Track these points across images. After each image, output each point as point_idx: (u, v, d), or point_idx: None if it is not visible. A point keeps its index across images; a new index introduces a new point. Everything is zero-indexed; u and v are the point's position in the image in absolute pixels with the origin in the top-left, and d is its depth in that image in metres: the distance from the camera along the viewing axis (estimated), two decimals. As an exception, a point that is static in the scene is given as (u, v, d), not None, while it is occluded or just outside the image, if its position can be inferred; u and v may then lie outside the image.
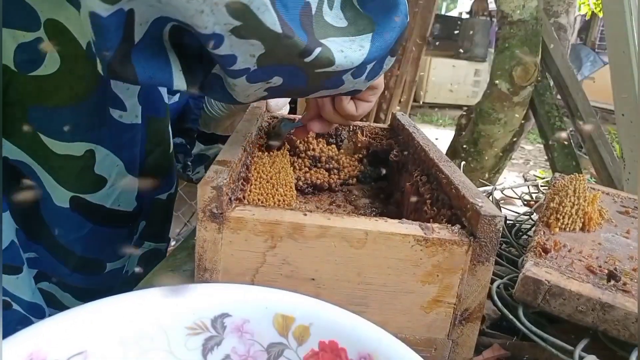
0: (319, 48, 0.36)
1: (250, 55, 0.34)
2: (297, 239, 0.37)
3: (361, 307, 0.38)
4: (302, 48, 0.35)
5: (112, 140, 0.54)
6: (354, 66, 0.39)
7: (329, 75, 0.39)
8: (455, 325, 0.39)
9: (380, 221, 0.38)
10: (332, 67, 0.38)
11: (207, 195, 0.35)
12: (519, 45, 1.79)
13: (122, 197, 0.58)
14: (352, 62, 0.39)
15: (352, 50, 0.38)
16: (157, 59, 0.35)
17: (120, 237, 0.61)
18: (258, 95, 0.41)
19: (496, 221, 0.37)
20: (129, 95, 0.54)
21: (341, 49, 0.38)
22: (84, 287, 0.60)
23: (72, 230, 0.56)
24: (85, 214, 0.56)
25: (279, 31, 0.33)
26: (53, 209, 0.54)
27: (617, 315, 0.38)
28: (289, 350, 0.31)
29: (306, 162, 0.68)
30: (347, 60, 0.38)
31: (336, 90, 0.44)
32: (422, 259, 0.37)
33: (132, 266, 0.66)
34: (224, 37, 0.32)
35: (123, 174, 0.57)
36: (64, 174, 0.53)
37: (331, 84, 0.42)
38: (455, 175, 0.46)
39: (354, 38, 0.39)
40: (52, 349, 0.27)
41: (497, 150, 2.01)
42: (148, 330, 0.30)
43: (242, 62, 0.35)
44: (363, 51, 0.39)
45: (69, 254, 0.57)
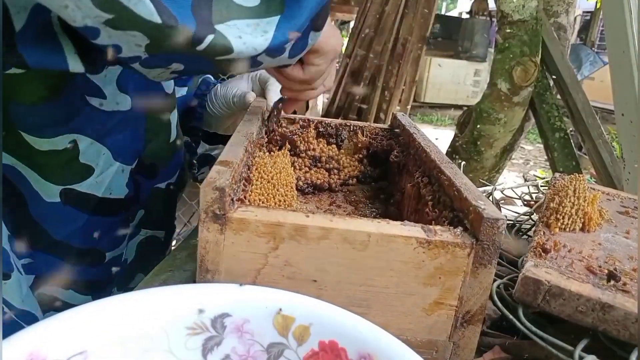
0: (211, 35, 0.34)
1: (136, 45, 0.33)
2: (300, 240, 0.37)
3: (363, 308, 0.38)
4: (189, 36, 0.33)
5: (94, 129, 0.54)
6: (257, 52, 0.37)
7: (237, 61, 0.38)
8: (456, 327, 0.39)
9: (382, 223, 0.38)
10: (232, 55, 0.36)
11: (210, 196, 0.35)
12: (519, 45, 1.78)
13: (113, 184, 0.58)
14: (255, 49, 0.37)
15: (253, 36, 0.37)
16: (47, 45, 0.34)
17: (116, 225, 0.61)
18: (165, 76, 0.41)
19: (499, 224, 0.37)
20: (107, 82, 0.54)
21: (239, 35, 0.36)
22: (86, 280, 0.60)
23: (67, 224, 0.56)
24: (78, 206, 0.56)
25: (157, 21, 0.31)
26: (44, 207, 0.54)
27: (617, 316, 0.38)
28: (289, 350, 0.31)
29: (306, 162, 0.68)
30: (247, 47, 0.36)
31: (258, 68, 0.43)
32: (424, 261, 0.37)
33: (131, 254, 0.66)
34: (100, 29, 0.31)
35: (111, 162, 0.57)
36: (50, 170, 0.53)
37: (246, 66, 0.40)
38: (457, 177, 0.46)
39: (259, 21, 0.37)
40: (52, 349, 0.27)
41: (497, 150, 2.01)
42: (148, 330, 0.30)
43: (128, 51, 0.34)
44: (266, 36, 0.37)
45: (67, 249, 0.57)
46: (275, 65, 0.44)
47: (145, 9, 0.31)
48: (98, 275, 0.61)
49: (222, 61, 0.37)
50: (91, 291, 0.61)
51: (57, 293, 0.59)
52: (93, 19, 0.30)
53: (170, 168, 0.67)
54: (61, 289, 0.59)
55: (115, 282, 0.65)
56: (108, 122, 0.55)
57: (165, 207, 0.69)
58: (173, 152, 0.66)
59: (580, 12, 6.51)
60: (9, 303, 0.54)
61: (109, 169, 0.57)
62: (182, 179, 0.70)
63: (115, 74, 0.54)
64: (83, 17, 0.30)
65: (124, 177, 0.59)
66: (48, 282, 0.58)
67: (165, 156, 0.65)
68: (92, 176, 0.55)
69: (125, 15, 0.31)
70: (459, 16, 8.48)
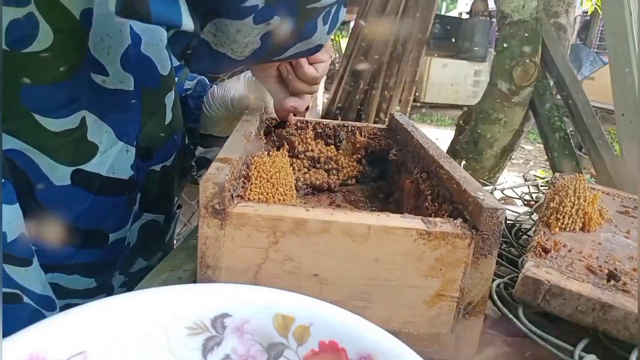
0: None
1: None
2: (300, 234, 0.37)
3: (365, 302, 0.38)
4: None
5: (97, 106, 0.54)
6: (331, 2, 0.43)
7: (312, 14, 0.43)
8: (458, 319, 0.39)
9: (382, 216, 0.38)
10: (320, 2, 0.41)
11: (210, 191, 0.35)
12: (519, 45, 1.78)
13: (117, 164, 0.58)
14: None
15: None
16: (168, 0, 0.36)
17: (120, 206, 0.61)
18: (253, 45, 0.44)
19: (498, 214, 0.37)
20: (111, 60, 0.54)
21: None
22: (90, 263, 0.59)
23: (74, 206, 0.56)
24: (85, 186, 0.56)
25: None
26: (53, 191, 0.53)
27: (617, 315, 0.38)
28: (289, 350, 0.31)
29: (305, 163, 0.68)
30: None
31: (309, 41, 0.48)
32: (424, 253, 0.37)
33: (133, 237, 0.66)
34: None
35: (114, 141, 0.57)
36: (63, 151, 0.53)
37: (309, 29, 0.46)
38: (455, 170, 0.46)
39: None
40: (52, 349, 0.27)
41: (497, 150, 2.01)
42: (148, 330, 0.30)
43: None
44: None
45: (73, 232, 0.57)
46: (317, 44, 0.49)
47: None
48: (102, 258, 0.60)
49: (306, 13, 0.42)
50: (94, 274, 0.60)
51: (60, 279, 0.59)
52: None
53: (165, 150, 0.66)
54: (64, 275, 0.59)
55: (118, 265, 0.65)
56: (109, 100, 0.55)
57: (161, 190, 0.68)
58: (168, 134, 0.66)
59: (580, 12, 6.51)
60: (30, 290, 0.53)
61: (112, 147, 0.57)
62: (179, 162, 0.70)
63: (119, 52, 0.54)
64: None
65: (128, 158, 0.59)
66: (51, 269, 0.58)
67: (160, 138, 0.64)
68: (97, 154, 0.55)
69: None
70: (459, 16, 8.47)
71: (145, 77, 0.59)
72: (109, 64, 0.54)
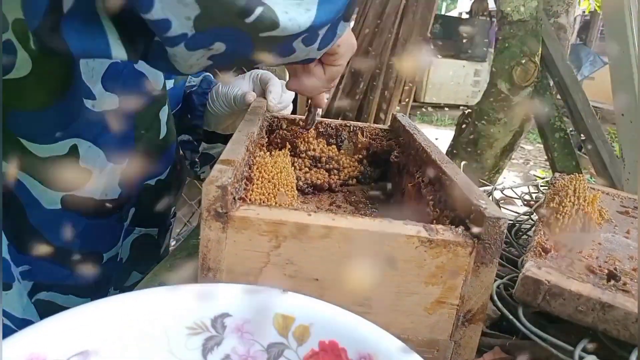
0: (260, 7, 0.34)
1: (186, 17, 0.33)
2: (302, 239, 0.36)
3: (364, 307, 0.38)
4: (240, 6, 0.33)
5: (90, 131, 0.54)
6: (301, 30, 0.37)
7: (277, 41, 0.37)
8: (458, 326, 0.39)
9: (384, 222, 0.38)
10: (277, 31, 0.35)
11: (212, 194, 0.35)
12: (519, 45, 1.78)
13: (108, 186, 0.58)
14: (299, 26, 0.36)
15: (298, 13, 0.36)
16: (90, 29, 0.33)
17: (111, 225, 0.61)
18: (201, 64, 0.40)
19: (500, 223, 0.37)
20: (94, 82, 0.53)
21: (286, 11, 0.35)
22: (85, 283, 0.59)
23: (66, 230, 0.56)
24: (78, 211, 0.56)
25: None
26: (44, 214, 0.53)
27: (617, 315, 0.38)
28: (289, 350, 0.31)
29: (306, 163, 0.68)
30: (292, 23, 0.36)
31: (288, 59, 0.42)
32: (426, 260, 0.37)
33: (125, 253, 0.66)
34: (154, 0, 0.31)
35: (104, 164, 0.56)
36: (51, 177, 0.52)
37: (281, 51, 0.40)
38: (458, 176, 0.46)
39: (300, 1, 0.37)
40: (52, 349, 0.27)
41: (497, 150, 2.01)
42: (148, 330, 0.30)
43: (178, 26, 0.33)
44: (309, 14, 0.37)
45: (67, 255, 0.57)
46: (302, 58, 0.44)
47: None
48: (96, 277, 0.60)
49: (264, 40, 0.36)
50: (89, 293, 0.60)
51: (56, 298, 0.59)
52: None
53: (160, 164, 0.66)
54: (60, 294, 0.59)
55: (112, 282, 0.65)
56: (100, 123, 0.55)
57: (155, 203, 0.69)
58: (163, 148, 0.66)
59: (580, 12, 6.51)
60: (10, 314, 0.53)
61: (104, 170, 0.57)
62: (173, 175, 0.70)
63: (100, 73, 0.53)
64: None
65: (115, 177, 0.59)
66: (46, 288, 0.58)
67: (155, 152, 0.64)
68: (91, 179, 0.55)
69: None
70: (459, 16, 8.47)
71: (139, 94, 0.58)
72: (94, 86, 0.53)
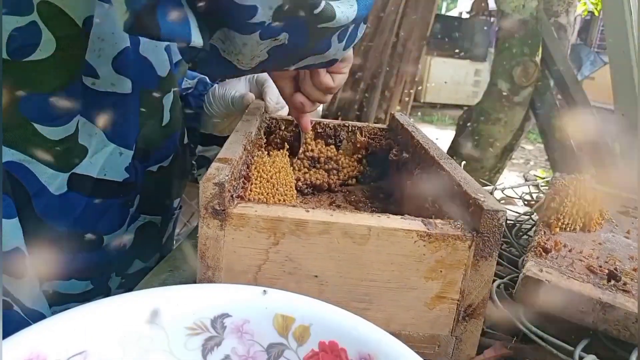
0: (323, 1, 0.38)
1: (269, 7, 0.36)
2: (300, 235, 0.36)
3: (365, 303, 0.38)
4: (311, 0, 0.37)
5: (87, 108, 0.54)
6: (348, 21, 0.42)
7: (325, 33, 0.42)
8: (458, 321, 0.39)
9: (383, 217, 0.38)
10: (332, 22, 0.40)
11: (210, 191, 0.35)
12: (519, 45, 1.78)
13: (108, 166, 0.57)
14: (348, 17, 0.41)
15: (346, 7, 0.41)
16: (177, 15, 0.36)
17: (114, 208, 0.61)
18: (260, 58, 0.44)
19: (499, 215, 0.37)
20: (102, 62, 0.53)
21: (338, 5, 0.40)
22: (86, 266, 0.59)
23: (69, 212, 0.56)
24: (79, 190, 0.56)
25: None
26: (50, 201, 0.53)
27: (617, 315, 0.38)
28: (289, 350, 0.31)
29: (305, 163, 0.68)
30: (343, 16, 0.41)
31: (322, 56, 0.47)
32: (425, 254, 0.37)
33: (129, 240, 0.66)
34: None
35: (104, 143, 0.56)
36: (60, 159, 0.53)
37: (322, 46, 0.45)
38: (456, 171, 0.46)
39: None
40: (52, 349, 0.27)
41: (498, 150, 2.01)
42: (148, 330, 0.30)
43: (261, 14, 0.36)
44: (354, 8, 0.42)
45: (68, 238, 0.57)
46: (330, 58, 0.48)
47: None
48: (97, 261, 0.60)
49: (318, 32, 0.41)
50: (90, 277, 0.60)
51: (58, 285, 0.59)
52: None
53: (162, 150, 0.66)
54: (62, 281, 0.59)
55: (114, 267, 0.65)
56: (100, 103, 0.55)
57: (158, 191, 0.68)
58: (166, 135, 0.66)
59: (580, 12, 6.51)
60: (20, 301, 0.54)
61: (103, 149, 0.57)
62: (177, 162, 0.70)
63: (111, 55, 0.54)
64: None
65: (122, 160, 0.59)
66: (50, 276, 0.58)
67: (157, 139, 0.64)
68: (86, 157, 0.55)
69: None
70: (459, 16, 8.47)
71: (143, 79, 0.59)
72: (100, 66, 0.53)
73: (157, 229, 0.71)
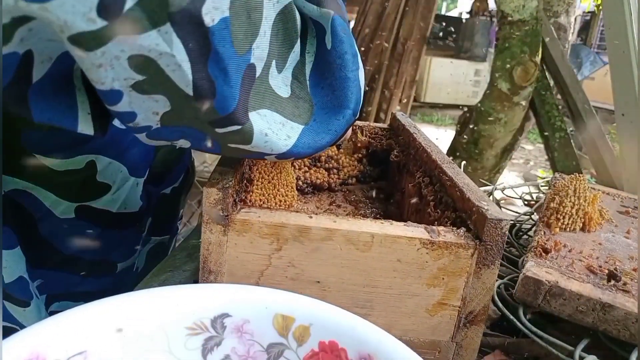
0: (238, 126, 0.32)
1: (153, 112, 0.30)
2: (303, 241, 0.36)
3: (366, 309, 0.38)
4: (217, 117, 0.30)
5: (114, 148, 0.54)
6: (273, 153, 0.36)
7: (246, 152, 0.35)
8: (459, 328, 0.39)
9: (386, 224, 0.38)
10: (247, 147, 0.34)
11: (213, 197, 0.35)
12: (519, 45, 1.78)
13: (128, 199, 0.58)
14: (272, 149, 0.35)
15: (277, 137, 0.35)
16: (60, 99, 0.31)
17: (130, 237, 0.61)
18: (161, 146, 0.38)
19: (502, 225, 0.37)
20: None
21: (266, 133, 0.34)
22: (97, 291, 0.60)
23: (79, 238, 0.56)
24: (91, 220, 0.55)
25: (189, 93, 0.28)
26: (56, 224, 0.53)
27: (617, 315, 0.38)
28: (289, 350, 0.31)
29: (305, 162, 0.68)
30: (266, 146, 0.35)
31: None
32: (427, 262, 0.37)
33: (141, 262, 0.66)
34: (123, 94, 0.28)
35: (127, 178, 0.56)
36: (66, 189, 0.52)
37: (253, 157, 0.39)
38: (458, 177, 0.46)
39: (285, 121, 0.35)
40: (52, 349, 0.27)
41: (498, 150, 2.01)
42: (148, 330, 0.30)
43: (142, 119, 0.31)
44: (288, 142, 0.36)
45: (78, 263, 0.57)
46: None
47: (182, 78, 0.28)
48: (109, 286, 0.61)
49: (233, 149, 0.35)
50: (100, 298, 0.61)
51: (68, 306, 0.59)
52: (122, 81, 0.28)
53: (175, 172, 0.66)
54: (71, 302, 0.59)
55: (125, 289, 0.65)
56: (125, 139, 0.55)
57: (169, 211, 0.69)
58: (179, 155, 0.66)
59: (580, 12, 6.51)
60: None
61: (125, 184, 0.56)
62: (185, 181, 0.70)
63: None
64: (113, 78, 0.27)
65: (138, 191, 0.59)
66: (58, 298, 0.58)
67: (172, 161, 0.65)
68: (108, 193, 0.55)
69: (158, 78, 0.28)
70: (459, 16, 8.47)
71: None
72: None
73: (166, 246, 0.71)
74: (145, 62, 0.27)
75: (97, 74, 0.27)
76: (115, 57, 0.26)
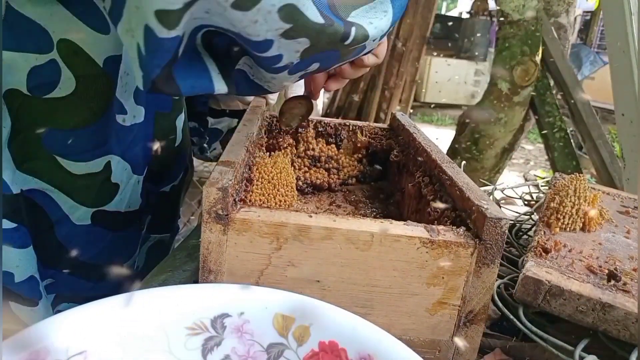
0: (353, 28, 0.37)
1: (295, 51, 0.36)
2: (303, 240, 0.36)
3: (366, 309, 0.38)
4: (341, 33, 0.36)
5: (120, 146, 0.54)
6: (384, 33, 0.41)
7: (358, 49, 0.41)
8: (459, 327, 0.39)
9: (385, 223, 0.38)
10: (366, 42, 0.39)
11: (213, 196, 0.35)
12: (519, 45, 1.78)
13: (132, 198, 0.58)
14: (382, 30, 0.40)
15: (379, 19, 0.40)
16: (195, 67, 0.36)
17: (132, 237, 0.61)
18: (292, 82, 0.44)
19: (502, 224, 0.37)
20: (127, 96, 0.53)
21: (370, 21, 0.39)
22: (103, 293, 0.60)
23: (94, 244, 0.56)
24: (105, 225, 0.56)
25: (321, 22, 0.34)
26: (72, 229, 0.53)
27: (617, 315, 0.38)
28: (289, 350, 0.31)
29: (306, 162, 0.68)
30: (377, 30, 0.40)
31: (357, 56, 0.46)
32: (427, 261, 0.37)
33: (141, 261, 0.66)
34: (274, 41, 0.34)
35: (130, 176, 0.57)
36: (85, 194, 0.52)
37: (357, 53, 0.44)
38: (458, 176, 0.46)
39: (373, 4, 0.40)
40: (52, 349, 0.27)
41: (497, 150, 2.01)
42: (148, 330, 0.30)
43: (286, 59, 0.36)
44: (388, 16, 0.41)
45: (92, 269, 0.57)
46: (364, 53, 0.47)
47: (313, 12, 0.33)
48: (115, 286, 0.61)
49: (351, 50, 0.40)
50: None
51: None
52: (274, 31, 0.33)
53: (174, 171, 0.67)
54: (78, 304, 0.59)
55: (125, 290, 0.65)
56: (128, 137, 0.55)
57: (169, 209, 0.69)
58: (178, 154, 0.66)
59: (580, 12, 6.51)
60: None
61: (129, 182, 0.57)
62: (184, 180, 0.70)
63: (133, 87, 0.53)
64: (266, 30, 0.33)
65: (138, 189, 0.59)
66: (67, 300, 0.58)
67: (171, 159, 0.65)
68: (117, 194, 0.55)
69: (300, 22, 0.33)
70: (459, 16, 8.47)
71: (157, 103, 0.59)
72: (126, 100, 0.53)
73: (166, 245, 0.71)
74: (291, 10, 0.32)
75: (254, 28, 0.32)
76: (268, 12, 0.32)
